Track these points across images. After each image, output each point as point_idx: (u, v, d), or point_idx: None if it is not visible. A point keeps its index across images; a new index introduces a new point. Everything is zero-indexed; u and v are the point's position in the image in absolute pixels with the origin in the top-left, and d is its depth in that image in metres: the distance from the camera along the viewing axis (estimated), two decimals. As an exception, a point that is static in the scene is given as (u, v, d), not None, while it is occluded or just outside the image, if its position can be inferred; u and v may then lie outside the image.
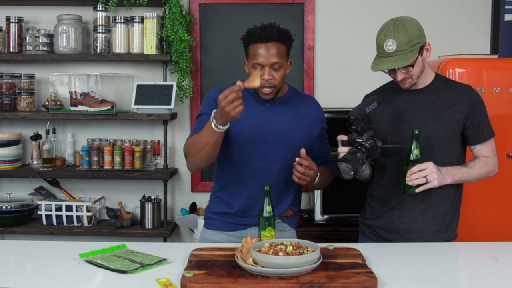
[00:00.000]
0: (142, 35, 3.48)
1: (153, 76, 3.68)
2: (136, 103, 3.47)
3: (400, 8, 3.50)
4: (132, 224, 3.53)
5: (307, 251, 1.78)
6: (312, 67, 3.67)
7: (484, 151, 2.23)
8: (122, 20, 3.49)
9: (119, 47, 3.49)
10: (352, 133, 2.10)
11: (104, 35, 3.51)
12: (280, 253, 1.75)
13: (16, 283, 1.73)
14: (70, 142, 3.67)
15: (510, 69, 3.05)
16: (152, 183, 3.69)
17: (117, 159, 3.49)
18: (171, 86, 3.48)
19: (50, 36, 3.53)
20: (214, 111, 1.97)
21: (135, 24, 3.48)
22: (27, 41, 3.50)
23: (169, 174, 3.50)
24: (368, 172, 2.27)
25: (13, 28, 3.50)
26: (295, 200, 2.34)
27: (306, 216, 3.46)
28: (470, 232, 2.50)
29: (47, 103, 3.55)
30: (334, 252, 1.95)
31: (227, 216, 2.29)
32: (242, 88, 1.91)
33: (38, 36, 3.49)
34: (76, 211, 3.47)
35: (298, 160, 2.07)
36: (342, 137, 2.11)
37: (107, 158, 3.49)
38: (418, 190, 2.07)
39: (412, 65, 2.09)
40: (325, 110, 2.40)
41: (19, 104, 3.52)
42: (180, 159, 3.72)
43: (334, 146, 2.36)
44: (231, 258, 1.84)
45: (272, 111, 2.24)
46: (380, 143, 2.07)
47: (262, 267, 1.71)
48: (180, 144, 3.72)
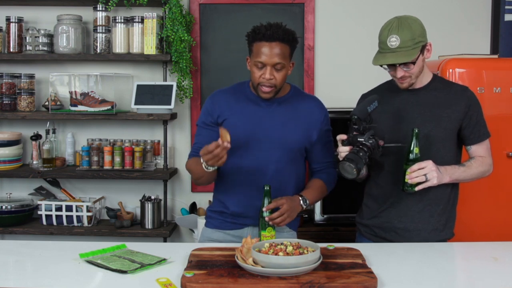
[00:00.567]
0: (142, 35, 3.48)
1: (153, 76, 3.68)
2: (136, 103, 3.47)
3: (400, 8, 3.49)
4: (132, 224, 3.53)
5: (307, 251, 1.78)
6: (312, 67, 3.67)
7: (480, 151, 2.25)
8: (122, 20, 3.49)
9: (119, 47, 3.50)
10: (352, 132, 2.09)
11: (104, 35, 3.51)
12: (280, 253, 1.75)
13: (16, 283, 1.73)
14: (70, 142, 3.67)
15: (510, 69, 3.05)
16: (152, 183, 3.69)
17: (117, 159, 3.49)
18: (171, 86, 3.48)
19: (50, 36, 3.53)
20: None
21: (135, 24, 3.48)
22: (27, 41, 3.50)
23: (169, 174, 3.50)
24: (365, 171, 2.27)
25: (13, 28, 3.50)
26: None
27: (306, 216, 3.46)
28: (470, 232, 2.50)
29: (47, 103, 3.55)
30: (334, 252, 1.95)
31: (225, 215, 2.30)
32: (220, 143, 1.98)
33: (38, 36, 3.49)
34: (76, 211, 3.47)
35: (267, 219, 2.06)
36: (341, 136, 2.11)
37: (107, 158, 3.49)
38: (417, 189, 2.07)
39: (413, 62, 2.10)
40: (325, 110, 2.39)
41: (19, 104, 3.52)
42: (180, 159, 3.72)
43: (336, 147, 2.36)
44: (231, 258, 1.84)
45: (268, 112, 2.23)
46: (381, 142, 2.07)
47: (262, 267, 1.71)
48: (180, 144, 3.72)
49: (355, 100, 2.37)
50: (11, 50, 3.51)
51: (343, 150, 2.08)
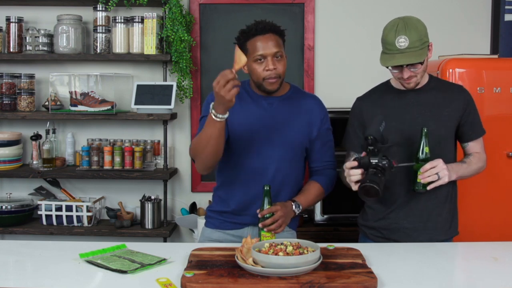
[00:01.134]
0: (142, 35, 3.48)
1: (153, 76, 3.68)
2: (136, 103, 3.47)
3: (400, 8, 3.50)
4: (132, 224, 3.53)
5: (307, 251, 1.78)
6: (312, 67, 3.67)
7: (476, 148, 2.29)
8: (122, 20, 3.49)
9: (119, 47, 3.49)
10: (359, 154, 2.10)
11: (104, 35, 3.51)
12: (280, 253, 1.75)
13: (16, 283, 1.73)
14: (70, 142, 3.67)
15: (510, 69, 3.05)
16: (152, 183, 3.69)
17: (117, 159, 3.49)
18: (171, 86, 3.48)
19: (50, 36, 3.53)
20: (212, 103, 1.99)
21: (135, 24, 3.48)
22: (27, 41, 3.50)
23: (169, 174, 3.50)
24: None
25: (13, 28, 3.50)
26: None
27: (306, 216, 3.46)
28: (470, 232, 2.50)
29: (47, 103, 3.55)
30: (334, 252, 1.95)
31: (225, 215, 2.30)
32: (234, 71, 1.93)
33: (38, 36, 3.49)
34: (76, 211, 3.47)
35: (260, 225, 2.05)
36: (352, 163, 2.05)
37: (107, 158, 3.49)
38: (429, 188, 2.08)
39: (421, 62, 2.12)
40: (325, 110, 2.39)
41: (19, 104, 3.52)
42: (180, 159, 3.72)
43: (337, 146, 2.36)
44: (231, 258, 1.84)
45: (269, 110, 2.24)
46: (395, 163, 2.04)
47: (262, 267, 1.71)
48: (180, 144, 3.72)
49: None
50: (11, 50, 3.51)
51: (355, 173, 2.04)
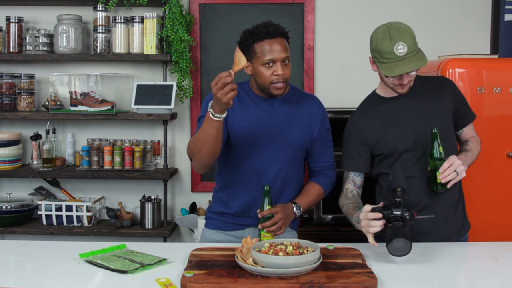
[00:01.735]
0: (142, 35, 3.48)
1: (153, 76, 3.68)
2: (136, 103, 3.47)
3: (400, 8, 3.50)
4: (132, 224, 3.53)
5: (307, 251, 1.78)
6: (312, 67, 3.67)
7: (471, 132, 2.31)
8: (122, 20, 3.50)
9: (119, 47, 3.50)
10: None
11: (104, 35, 3.51)
12: (280, 253, 1.75)
13: (16, 283, 1.73)
14: (70, 142, 3.67)
15: (510, 69, 3.04)
16: (152, 183, 3.69)
17: (117, 159, 3.49)
18: (171, 86, 3.48)
19: (50, 36, 3.53)
20: (210, 102, 1.97)
21: (135, 24, 3.48)
22: (27, 41, 3.50)
23: (169, 174, 3.50)
24: None
25: (13, 28, 3.50)
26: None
27: (306, 216, 3.46)
28: (470, 232, 2.49)
29: (47, 103, 3.55)
30: (334, 252, 1.95)
31: (226, 216, 2.29)
32: (233, 73, 1.91)
33: (38, 36, 3.49)
34: (76, 211, 3.47)
35: (260, 227, 2.05)
36: (376, 215, 1.96)
37: (107, 158, 3.49)
38: (449, 186, 2.06)
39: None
40: (325, 110, 2.39)
41: (19, 104, 3.52)
42: (180, 159, 3.72)
43: (336, 146, 2.36)
44: (231, 258, 1.84)
45: (270, 112, 2.23)
46: (416, 214, 1.99)
47: (262, 267, 1.71)
48: (180, 144, 3.72)
49: (355, 100, 2.37)
50: (11, 50, 3.51)
51: (377, 225, 1.95)
